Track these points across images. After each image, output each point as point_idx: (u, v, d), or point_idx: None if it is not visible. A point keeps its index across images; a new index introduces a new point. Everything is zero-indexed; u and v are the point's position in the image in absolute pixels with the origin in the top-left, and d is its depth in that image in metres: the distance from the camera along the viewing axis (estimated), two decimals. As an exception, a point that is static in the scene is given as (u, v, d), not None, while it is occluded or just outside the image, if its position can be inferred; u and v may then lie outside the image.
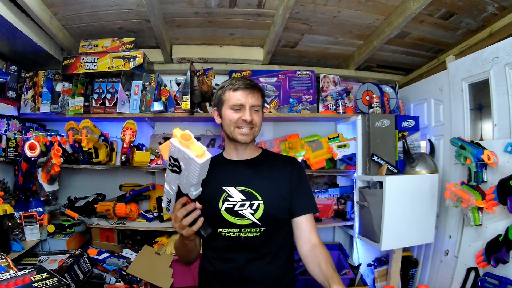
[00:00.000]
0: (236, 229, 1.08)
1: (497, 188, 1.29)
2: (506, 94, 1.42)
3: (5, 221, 1.49)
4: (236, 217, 1.09)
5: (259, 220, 1.08)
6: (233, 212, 1.09)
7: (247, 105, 1.12)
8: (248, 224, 1.08)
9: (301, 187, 1.16)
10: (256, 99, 1.14)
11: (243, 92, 1.13)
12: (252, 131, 1.14)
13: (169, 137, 2.16)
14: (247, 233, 1.08)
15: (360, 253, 2.10)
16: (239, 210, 1.08)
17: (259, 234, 1.08)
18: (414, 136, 1.91)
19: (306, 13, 1.69)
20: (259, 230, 1.08)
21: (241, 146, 1.18)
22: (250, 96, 1.13)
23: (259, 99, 1.16)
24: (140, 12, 1.66)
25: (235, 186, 1.12)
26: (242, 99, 1.12)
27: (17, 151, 1.89)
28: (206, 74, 2.01)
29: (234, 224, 1.08)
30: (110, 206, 1.94)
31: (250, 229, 1.08)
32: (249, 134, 1.14)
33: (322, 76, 2.25)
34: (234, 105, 1.13)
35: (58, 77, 2.01)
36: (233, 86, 1.14)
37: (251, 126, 1.14)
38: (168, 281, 1.72)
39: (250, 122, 1.12)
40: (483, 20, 1.66)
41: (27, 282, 1.06)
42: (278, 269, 1.10)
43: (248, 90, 1.13)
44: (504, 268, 1.30)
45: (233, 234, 1.08)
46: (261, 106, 1.18)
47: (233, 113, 1.13)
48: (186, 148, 0.75)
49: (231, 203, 1.09)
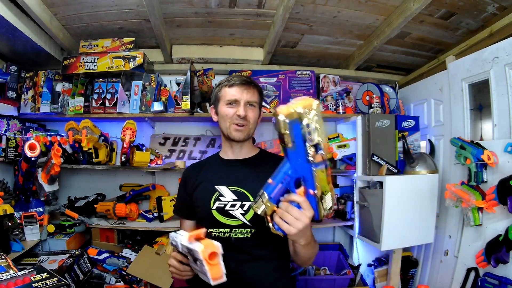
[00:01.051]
0: (227, 230, 1.07)
1: (497, 188, 1.29)
2: (506, 94, 1.42)
3: (5, 221, 1.49)
4: (227, 217, 1.07)
5: (249, 221, 1.06)
6: (224, 212, 1.08)
7: (242, 100, 1.12)
8: (239, 225, 1.07)
9: None
10: (251, 95, 1.14)
11: (238, 87, 1.13)
12: (246, 128, 1.13)
13: (168, 137, 2.18)
14: (237, 234, 1.07)
15: (360, 253, 2.10)
16: (229, 210, 1.07)
17: (250, 235, 1.06)
18: (414, 136, 1.91)
19: (306, 13, 1.69)
20: (250, 231, 1.06)
21: (236, 145, 1.18)
22: (246, 91, 1.13)
23: (255, 95, 1.16)
24: (140, 12, 1.66)
25: (228, 185, 1.11)
26: (237, 95, 1.12)
27: (17, 151, 1.89)
28: (206, 74, 2.01)
29: (224, 225, 1.07)
30: (110, 206, 1.93)
31: (240, 230, 1.07)
32: (243, 130, 1.13)
33: (322, 76, 2.25)
34: (229, 100, 1.13)
35: (58, 77, 2.02)
36: (229, 83, 1.15)
37: (245, 122, 1.13)
38: (168, 281, 1.72)
39: (244, 118, 1.12)
40: (483, 20, 1.66)
41: (27, 282, 1.06)
42: (272, 271, 1.08)
43: (243, 86, 1.13)
44: (504, 268, 1.31)
45: (223, 234, 1.07)
46: (258, 103, 1.17)
47: (229, 108, 1.13)
48: (207, 263, 0.80)
49: (222, 203, 1.08)
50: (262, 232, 1.05)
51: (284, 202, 0.84)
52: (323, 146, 0.78)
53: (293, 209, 0.81)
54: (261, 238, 1.06)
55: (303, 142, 0.77)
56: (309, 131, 0.76)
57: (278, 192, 0.85)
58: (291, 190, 0.84)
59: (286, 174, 0.83)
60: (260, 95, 1.20)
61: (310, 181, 0.81)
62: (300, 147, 0.78)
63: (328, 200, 0.83)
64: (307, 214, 0.81)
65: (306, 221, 0.80)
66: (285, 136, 0.78)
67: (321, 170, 0.79)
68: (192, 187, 1.18)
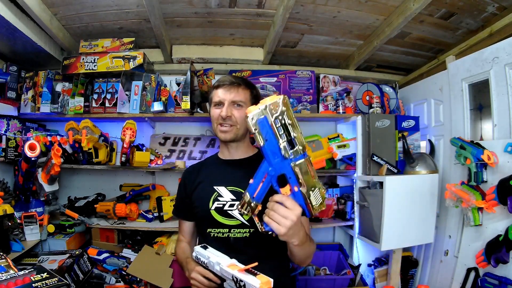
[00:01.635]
0: (225, 230, 1.08)
1: (497, 188, 1.29)
2: (506, 94, 1.42)
3: (5, 221, 1.48)
4: (226, 217, 1.08)
5: (248, 220, 1.06)
6: (222, 212, 1.08)
7: (226, 101, 1.12)
8: (237, 225, 1.07)
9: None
10: (235, 94, 1.12)
11: (224, 89, 1.13)
12: (232, 128, 1.13)
13: (168, 137, 2.17)
14: (236, 234, 1.07)
15: (360, 253, 2.10)
16: (228, 210, 1.08)
17: (248, 235, 1.07)
18: (414, 136, 1.91)
19: (306, 13, 1.69)
20: (248, 231, 1.07)
21: (231, 145, 1.18)
22: (229, 92, 1.12)
23: (240, 94, 1.14)
24: (140, 12, 1.66)
25: (226, 186, 1.11)
26: (222, 96, 1.13)
27: (17, 151, 1.89)
28: (206, 74, 2.01)
29: (223, 224, 1.08)
30: (110, 206, 1.93)
31: (239, 230, 1.07)
32: (229, 131, 1.13)
33: (322, 76, 2.25)
34: (215, 102, 1.14)
35: (58, 77, 2.01)
36: (217, 83, 1.16)
37: (231, 122, 1.12)
38: (168, 281, 1.72)
39: (228, 119, 1.11)
40: (483, 20, 1.66)
41: (27, 282, 1.05)
42: (271, 271, 1.05)
43: (228, 87, 1.13)
44: (504, 268, 1.30)
45: (222, 234, 1.08)
46: (245, 101, 1.14)
47: (215, 109, 1.14)
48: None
49: (221, 203, 1.09)
50: (261, 232, 1.06)
51: (271, 201, 0.84)
52: (298, 141, 0.78)
53: (279, 207, 0.82)
54: (260, 238, 1.06)
55: (275, 139, 0.77)
56: (278, 127, 0.76)
57: (261, 191, 0.85)
58: (275, 188, 0.85)
59: (266, 172, 0.83)
60: (251, 92, 1.17)
61: (292, 178, 0.81)
62: (273, 145, 0.78)
63: (316, 195, 0.82)
64: (294, 212, 0.81)
65: (293, 218, 0.81)
66: (256, 136, 0.78)
67: (300, 165, 0.79)
68: (191, 188, 1.19)
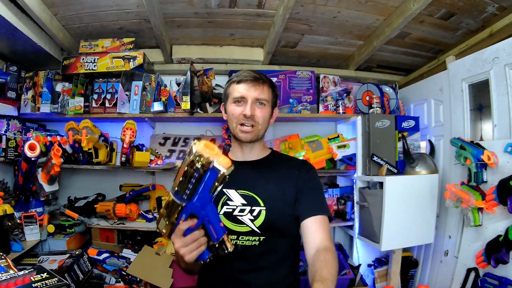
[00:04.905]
0: (234, 237, 0.98)
1: (497, 188, 1.29)
2: (506, 94, 1.42)
3: (5, 221, 1.48)
4: (235, 223, 1.00)
5: (259, 228, 0.98)
6: (231, 218, 1.00)
7: (249, 98, 1.03)
8: (247, 232, 0.99)
9: (309, 188, 1.05)
10: (260, 92, 1.04)
11: (246, 84, 1.04)
12: (254, 129, 1.05)
13: (168, 137, 2.17)
14: (244, 242, 0.99)
15: (360, 254, 2.10)
16: (238, 216, 1.00)
17: (258, 243, 0.99)
18: (414, 136, 1.91)
19: (306, 14, 1.69)
20: (258, 239, 0.99)
21: (246, 145, 1.10)
22: (254, 88, 1.03)
23: (266, 92, 1.06)
24: (140, 12, 1.66)
25: (236, 189, 1.03)
26: (244, 92, 1.04)
27: (17, 151, 1.89)
28: (206, 74, 2.01)
29: (232, 231, 0.99)
30: (110, 206, 1.93)
31: (248, 237, 0.99)
32: (251, 132, 1.05)
33: (322, 76, 2.25)
34: (235, 98, 1.05)
35: (58, 77, 2.01)
36: (238, 78, 1.06)
37: (253, 123, 1.04)
38: (168, 281, 1.72)
39: (251, 118, 1.03)
40: (483, 20, 1.66)
41: (27, 282, 1.05)
42: (280, 279, 1.01)
43: (252, 82, 1.04)
44: (504, 268, 1.30)
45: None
46: (268, 100, 1.07)
47: (236, 107, 1.05)
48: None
49: (231, 208, 1.01)
50: (272, 240, 1.00)
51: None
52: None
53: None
54: (270, 247, 1.00)
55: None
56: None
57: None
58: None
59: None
60: (272, 92, 1.10)
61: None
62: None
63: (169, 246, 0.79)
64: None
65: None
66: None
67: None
68: None
